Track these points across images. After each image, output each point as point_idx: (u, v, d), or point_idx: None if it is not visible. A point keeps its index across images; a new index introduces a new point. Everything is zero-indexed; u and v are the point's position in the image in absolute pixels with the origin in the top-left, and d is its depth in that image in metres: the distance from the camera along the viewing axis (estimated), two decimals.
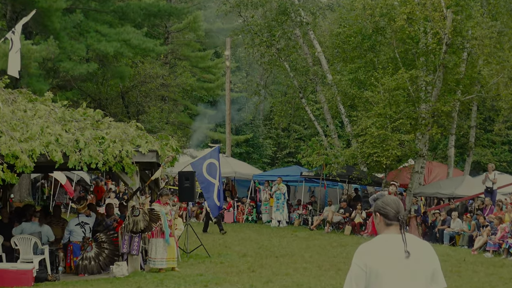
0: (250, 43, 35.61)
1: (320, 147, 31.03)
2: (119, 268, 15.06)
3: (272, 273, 15.39)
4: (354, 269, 4.60)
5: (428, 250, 4.78)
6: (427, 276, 4.66)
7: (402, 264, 4.57)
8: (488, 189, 27.30)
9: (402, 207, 4.88)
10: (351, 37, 32.09)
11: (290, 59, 35.88)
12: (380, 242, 4.73)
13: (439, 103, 29.48)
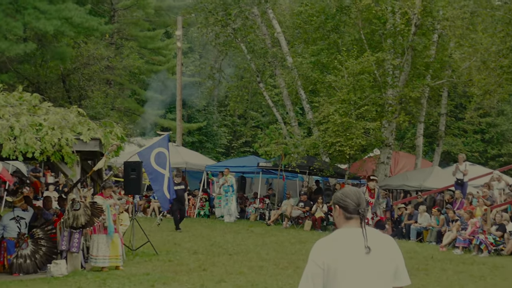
0: (204, 22, 35.47)
1: (279, 135, 31.02)
2: (57, 267, 14.87)
3: (225, 272, 15.34)
4: (311, 267, 4.56)
5: (390, 245, 4.75)
6: (389, 273, 4.64)
7: (362, 261, 4.54)
8: (459, 181, 27.58)
9: (363, 199, 4.85)
10: (313, 16, 32.13)
11: (247, 40, 35.75)
12: (338, 237, 4.69)
13: (407, 89, 29.73)
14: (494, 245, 21.99)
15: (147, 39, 45.08)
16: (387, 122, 30.36)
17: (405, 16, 29.25)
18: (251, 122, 53.70)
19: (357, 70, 27.80)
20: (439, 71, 32.75)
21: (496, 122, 50.12)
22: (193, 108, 51.55)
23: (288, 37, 35.52)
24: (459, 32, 29.40)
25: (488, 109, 43.19)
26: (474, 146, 49.76)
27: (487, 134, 50.71)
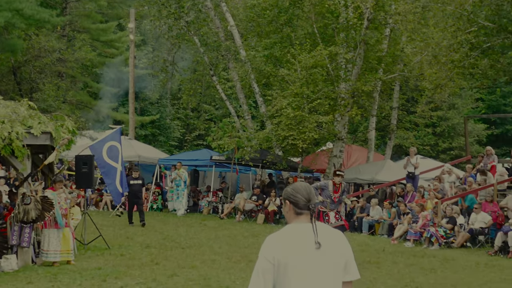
0: (157, 15, 35.30)
1: (232, 129, 31.05)
2: (7, 261, 14.72)
3: (177, 266, 15.33)
4: (262, 262, 4.57)
5: (340, 240, 4.78)
6: (339, 268, 4.67)
7: (312, 256, 4.56)
8: (410, 174, 27.86)
9: (313, 194, 4.87)
10: (266, 10, 32.15)
11: (200, 33, 35.64)
12: (289, 233, 4.71)
13: (360, 83, 29.90)
14: (444, 237, 22.27)
15: (100, 31, 44.70)
16: (340, 115, 30.51)
17: (357, 10, 29.40)
18: (204, 115, 53.55)
19: (310, 64, 27.89)
20: (391, 65, 33.00)
21: (447, 116, 50.60)
22: (146, 101, 51.25)
23: (241, 30, 35.48)
24: (411, 26, 29.69)
25: (439, 103, 43.61)
26: (425, 140, 50.20)
27: (438, 127, 51.18)
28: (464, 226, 22.94)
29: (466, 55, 25.54)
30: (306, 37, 31.01)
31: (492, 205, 23.61)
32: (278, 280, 4.54)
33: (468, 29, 24.95)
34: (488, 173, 26.78)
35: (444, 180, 27.84)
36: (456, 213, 23.29)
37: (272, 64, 31.96)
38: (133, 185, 25.03)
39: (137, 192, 25.67)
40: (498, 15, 25.08)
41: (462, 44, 25.26)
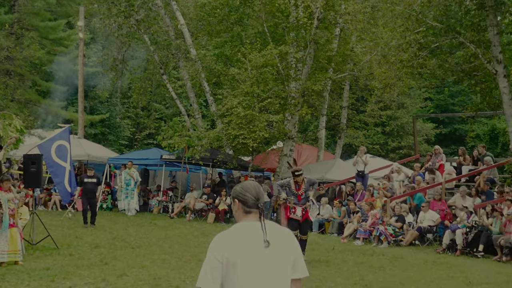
0: (107, 13, 35.00)
1: (182, 128, 30.96)
2: None
3: (127, 266, 15.23)
4: (210, 260, 4.56)
5: (289, 238, 4.81)
6: (287, 265, 4.69)
7: (261, 254, 4.57)
8: (360, 173, 28.08)
9: (262, 193, 4.89)
10: (216, 8, 32.09)
11: (151, 32, 35.45)
12: (238, 231, 4.72)
13: (310, 82, 30.02)
14: (393, 236, 22.51)
15: (49, 29, 44.21)
16: (290, 114, 30.59)
17: (307, 10, 29.49)
18: (154, 114, 53.27)
19: (260, 63, 27.92)
20: (341, 64, 33.22)
21: (396, 115, 51.04)
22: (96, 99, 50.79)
23: (191, 29, 35.37)
24: (361, 26, 29.93)
25: (389, 102, 44.01)
26: (375, 139, 50.58)
27: (387, 126, 51.60)
28: (412, 224, 23.21)
29: (414, 55, 25.77)
30: (257, 36, 31.05)
31: (440, 204, 23.92)
32: (227, 278, 4.54)
33: (417, 29, 25.18)
34: (436, 171, 27.11)
35: (393, 179, 28.11)
36: (405, 212, 23.54)
37: (222, 63, 31.93)
38: (87, 184, 24.69)
39: (91, 190, 24.96)
40: (446, 15, 25.37)
41: (411, 44, 25.48)
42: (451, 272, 16.37)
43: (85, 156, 33.64)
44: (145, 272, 14.42)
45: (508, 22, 25.87)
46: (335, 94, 38.68)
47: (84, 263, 15.51)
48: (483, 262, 19.01)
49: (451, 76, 29.93)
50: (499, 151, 46.62)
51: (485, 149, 28.48)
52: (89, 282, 13.09)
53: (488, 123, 52.35)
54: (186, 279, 13.69)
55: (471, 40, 24.94)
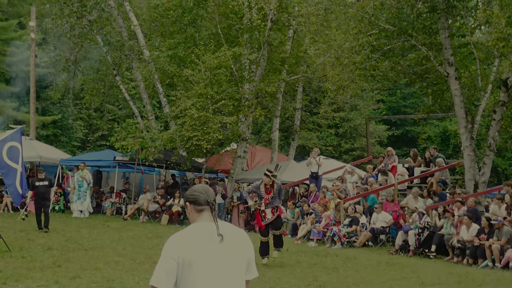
0: (59, 13, 34.67)
1: (136, 129, 30.80)
2: None
3: (80, 268, 15.11)
4: (165, 261, 4.57)
5: (243, 238, 4.86)
6: (242, 265, 4.75)
7: (216, 253, 4.61)
8: (313, 174, 28.19)
9: (212, 192, 4.97)
10: (170, 10, 32.02)
11: (103, 33, 35.23)
12: (192, 231, 4.75)
13: (264, 83, 30.11)
14: (347, 237, 22.64)
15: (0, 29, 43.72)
16: (244, 116, 30.65)
17: (261, 12, 29.57)
18: (107, 115, 52.89)
19: (214, 65, 27.91)
20: (295, 66, 33.37)
21: (349, 117, 51.41)
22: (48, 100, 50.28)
23: (145, 30, 35.22)
24: (314, 28, 30.08)
25: (342, 104, 44.32)
26: (328, 140, 50.89)
27: (340, 128, 51.95)
28: (365, 225, 23.38)
29: (367, 57, 25.95)
30: (210, 38, 31.05)
31: (393, 205, 24.15)
32: (182, 278, 4.55)
33: (370, 32, 25.37)
34: (389, 173, 27.35)
35: (347, 180, 28.29)
36: (359, 213, 23.71)
37: (176, 64, 31.84)
38: (39, 187, 23.37)
39: (43, 194, 23.53)
40: (398, 18, 25.59)
41: (364, 46, 25.66)
42: (404, 272, 16.53)
43: (37, 157, 33.29)
44: (99, 274, 14.32)
45: (459, 25, 26.19)
46: (288, 96, 38.86)
47: (36, 265, 15.35)
48: (435, 263, 19.22)
49: (403, 79, 30.20)
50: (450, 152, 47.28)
51: (437, 151, 28.84)
52: (41, 284, 12.97)
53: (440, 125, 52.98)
54: (140, 281, 13.63)
55: (423, 42, 25.20)
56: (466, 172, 24.61)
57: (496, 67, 25.22)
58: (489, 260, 18.16)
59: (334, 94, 31.83)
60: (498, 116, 24.15)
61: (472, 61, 26.19)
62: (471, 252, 18.89)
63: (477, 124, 25.77)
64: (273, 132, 37.05)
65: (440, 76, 25.94)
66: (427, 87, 28.47)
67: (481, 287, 13.90)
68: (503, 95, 23.94)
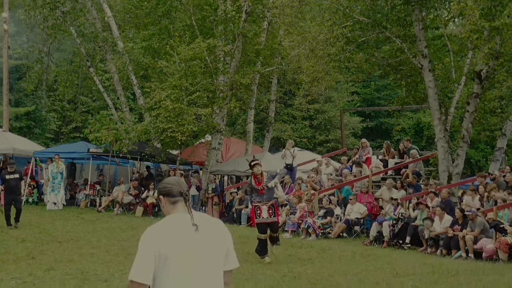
0: (32, 4, 34.38)
1: (110, 121, 30.63)
2: None
3: (54, 260, 15.05)
4: (143, 254, 4.54)
5: (220, 228, 4.85)
6: (220, 255, 4.74)
7: (193, 244, 4.60)
8: (288, 166, 28.21)
9: (184, 183, 4.99)
10: (144, 1, 31.87)
11: (77, 24, 35.03)
12: (168, 223, 4.73)
13: (238, 75, 30.09)
14: (321, 228, 22.71)
15: None
16: (218, 108, 30.63)
17: (235, 3, 29.55)
18: (81, 107, 52.55)
19: (189, 56, 27.84)
20: (269, 58, 33.37)
21: (323, 109, 51.50)
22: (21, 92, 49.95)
23: (119, 21, 35.02)
24: (288, 20, 30.07)
25: (316, 96, 44.38)
26: (303, 132, 50.96)
27: (315, 120, 52.04)
28: (340, 217, 23.45)
29: (342, 49, 26.00)
30: (185, 29, 30.93)
31: (367, 196, 24.25)
32: (159, 270, 4.53)
33: (344, 24, 25.41)
34: (363, 164, 27.45)
35: (321, 172, 28.36)
36: (333, 204, 23.78)
37: (150, 56, 31.75)
38: (9, 180, 22.11)
39: (14, 188, 22.18)
40: (372, 10, 25.67)
41: (338, 38, 25.70)
42: (378, 263, 16.59)
43: (10, 149, 33.06)
44: (73, 266, 14.27)
45: (433, 17, 26.33)
46: (263, 87, 38.86)
47: (10, 257, 15.27)
48: (409, 254, 19.31)
49: (377, 70, 30.33)
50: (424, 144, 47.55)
51: (410, 143, 28.97)
52: (15, 277, 12.89)
53: (414, 117, 53.25)
54: (115, 273, 13.60)
55: (397, 34, 25.31)
56: (439, 163, 24.77)
57: (469, 59, 25.36)
58: (463, 251, 18.28)
59: (308, 86, 31.82)
60: (472, 108, 24.32)
61: (446, 53, 26.36)
62: (445, 243, 19.01)
63: (450, 115, 25.94)
64: (248, 124, 37.05)
65: (414, 68, 26.08)
66: (401, 79, 28.62)
67: (455, 277, 13.97)
68: (477, 87, 24.11)
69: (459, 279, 13.71)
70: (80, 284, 12.24)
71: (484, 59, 22.78)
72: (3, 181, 22.51)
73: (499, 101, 28.96)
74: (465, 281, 13.37)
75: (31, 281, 12.48)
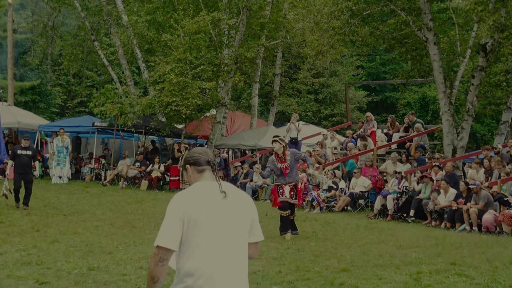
0: None
1: (115, 95, 30.58)
2: None
3: (58, 232, 15.10)
4: (171, 219, 4.57)
5: (246, 199, 4.92)
6: (245, 224, 4.80)
7: (220, 209, 4.66)
8: (293, 140, 28.21)
9: (211, 152, 5.06)
10: None
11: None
12: (196, 189, 4.78)
13: (243, 49, 30.01)
14: (326, 202, 22.75)
15: None
16: (223, 81, 30.58)
17: None
18: (86, 81, 52.48)
19: (193, 30, 27.75)
20: (274, 31, 33.24)
21: (328, 83, 51.34)
22: (26, 66, 49.92)
23: None
24: None
25: (321, 70, 44.30)
26: (308, 106, 50.84)
27: (320, 94, 51.91)
28: (345, 190, 23.47)
29: (346, 22, 25.93)
30: (189, 3, 30.78)
31: (371, 170, 24.26)
32: (187, 236, 4.57)
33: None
34: (368, 138, 27.43)
35: (326, 146, 28.35)
36: (338, 178, 23.79)
37: (154, 29, 31.63)
38: (20, 156, 19.84)
39: (25, 165, 19.88)
40: None
41: (343, 11, 25.62)
42: (382, 236, 16.62)
43: (15, 123, 33.12)
44: (77, 239, 14.32)
45: None
46: (268, 61, 38.77)
47: (15, 230, 15.32)
48: (413, 227, 19.35)
49: (382, 44, 30.21)
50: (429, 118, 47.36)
51: (415, 116, 28.91)
52: (20, 249, 12.93)
53: (419, 91, 53.04)
54: (119, 245, 13.64)
55: (402, 7, 25.21)
56: (444, 137, 24.77)
57: (475, 32, 25.25)
58: (467, 224, 18.30)
59: (313, 59, 31.76)
60: (477, 81, 24.27)
61: (451, 26, 26.25)
62: (449, 216, 19.03)
63: (455, 89, 25.91)
64: (253, 98, 37.00)
65: (419, 41, 25.98)
66: (406, 52, 28.50)
67: (458, 250, 14.00)
68: (482, 60, 24.03)
69: (463, 252, 13.74)
70: (84, 256, 12.28)
71: (489, 31, 22.69)
72: (14, 156, 20.01)
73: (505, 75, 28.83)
74: (469, 254, 13.39)
75: (36, 253, 12.52)
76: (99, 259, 12.00)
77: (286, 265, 12.04)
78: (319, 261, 12.55)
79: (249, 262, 4.84)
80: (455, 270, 11.58)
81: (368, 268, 11.85)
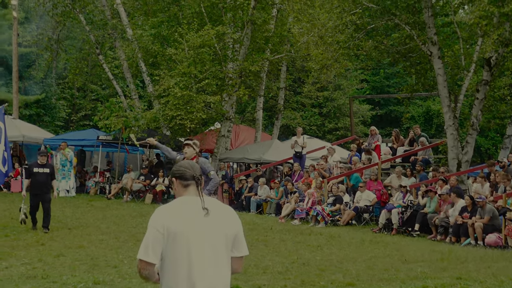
0: None
1: (119, 108, 30.64)
2: None
3: (63, 246, 15.10)
4: (151, 232, 4.62)
5: (230, 214, 4.92)
6: (228, 240, 4.78)
7: (201, 225, 4.67)
8: (297, 154, 28.20)
9: (197, 167, 5.05)
10: None
11: (86, 11, 35.06)
12: (178, 204, 4.82)
13: (247, 63, 30.05)
14: (330, 216, 22.71)
15: None
16: (228, 95, 30.62)
17: None
18: (90, 95, 52.64)
19: (198, 44, 27.83)
20: (278, 45, 33.33)
21: (333, 96, 51.41)
22: (31, 80, 50.02)
23: (128, 8, 35.04)
24: (298, 7, 29.99)
25: (325, 84, 44.36)
26: (312, 120, 50.90)
27: (324, 108, 51.97)
28: (349, 204, 23.45)
29: (351, 36, 25.98)
30: (194, 17, 30.88)
31: (376, 184, 24.22)
32: (167, 249, 4.60)
33: (353, 11, 25.36)
34: (372, 152, 27.41)
35: (330, 160, 28.34)
36: (342, 192, 23.77)
37: (159, 43, 31.70)
38: (37, 175, 18.11)
39: (42, 184, 18.11)
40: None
41: (347, 25, 25.69)
42: (387, 250, 16.60)
43: (20, 137, 33.19)
44: (83, 252, 14.31)
45: (443, 4, 26.27)
46: (272, 75, 38.81)
47: (20, 244, 15.33)
48: (418, 241, 19.32)
49: (386, 58, 30.27)
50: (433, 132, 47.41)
51: (420, 130, 28.92)
52: (25, 262, 12.94)
53: (423, 104, 53.08)
54: (124, 259, 13.63)
55: (406, 21, 25.24)
56: (449, 151, 24.76)
57: (479, 46, 25.28)
58: (472, 238, 18.28)
59: (317, 73, 31.84)
60: (481, 95, 24.29)
61: (455, 40, 26.30)
62: (454, 230, 19.00)
63: (460, 103, 25.92)
64: (257, 112, 37.03)
65: (424, 55, 26.01)
66: (410, 66, 28.55)
67: (464, 264, 13.98)
68: (486, 74, 24.06)
69: (468, 266, 13.72)
70: (89, 270, 12.29)
71: (493, 46, 22.73)
72: (29, 175, 18.36)
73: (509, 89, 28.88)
74: (474, 268, 13.38)
75: (41, 267, 12.53)
76: (104, 273, 12.00)
77: (291, 279, 12.03)
78: (325, 275, 12.54)
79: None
80: (460, 284, 11.57)
81: (373, 282, 11.84)
